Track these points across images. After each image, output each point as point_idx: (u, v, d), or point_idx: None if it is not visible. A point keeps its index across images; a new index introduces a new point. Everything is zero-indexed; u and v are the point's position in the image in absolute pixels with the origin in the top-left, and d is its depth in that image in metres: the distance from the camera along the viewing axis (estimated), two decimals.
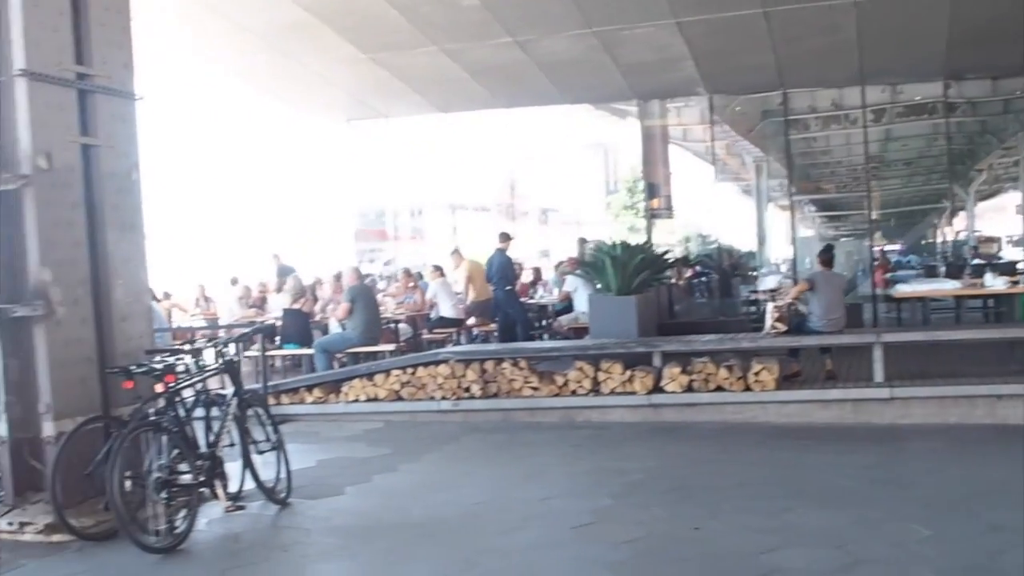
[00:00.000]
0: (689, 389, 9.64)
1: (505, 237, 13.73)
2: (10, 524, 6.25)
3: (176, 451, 6.09)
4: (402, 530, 6.20)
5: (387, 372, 10.36)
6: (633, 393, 9.74)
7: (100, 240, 6.80)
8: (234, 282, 16.40)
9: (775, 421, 9.43)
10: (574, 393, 9.95)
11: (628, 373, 9.78)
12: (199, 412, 6.63)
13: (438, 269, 14.06)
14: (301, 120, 16.90)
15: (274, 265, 17.04)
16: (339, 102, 15.67)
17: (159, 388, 6.19)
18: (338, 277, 14.30)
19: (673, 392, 9.65)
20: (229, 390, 6.85)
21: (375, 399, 10.36)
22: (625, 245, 11.14)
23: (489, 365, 10.16)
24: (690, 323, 12.25)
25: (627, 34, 12.53)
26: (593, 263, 11.35)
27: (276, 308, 14.38)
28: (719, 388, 9.57)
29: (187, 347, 6.90)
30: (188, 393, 6.56)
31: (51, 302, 6.31)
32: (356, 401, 10.36)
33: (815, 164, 22.27)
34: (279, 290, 14.90)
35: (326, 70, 13.71)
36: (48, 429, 6.32)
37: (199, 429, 6.56)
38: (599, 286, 11.42)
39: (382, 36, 12.42)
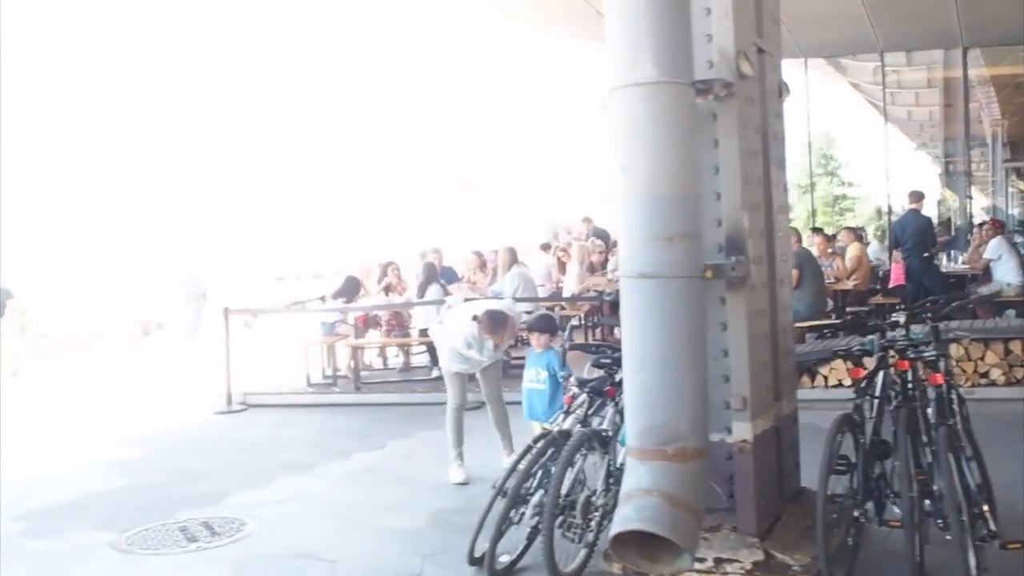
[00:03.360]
0: None
1: (918, 196, 11.70)
2: (700, 561, 4.60)
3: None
4: None
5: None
6: None
7: (765, 178, 5.09)
8: (546, 247, 14.85)
9: None
10: None
11: None
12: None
13: (852, 231, 12.16)
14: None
15: (586, 228, 15.42)
16: None
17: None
18: None
19: None
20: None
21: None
22: None
23: (1016, 346, 8.24)
24: None
25: None
26: None
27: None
28: None
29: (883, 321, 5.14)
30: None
31: (747, 258, 4.61)
32: (839, 386, 8.57)
33: None
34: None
35: None
36: (742, 431, 4.64)
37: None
38: None
39: None
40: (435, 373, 10.67)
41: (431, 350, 10.74)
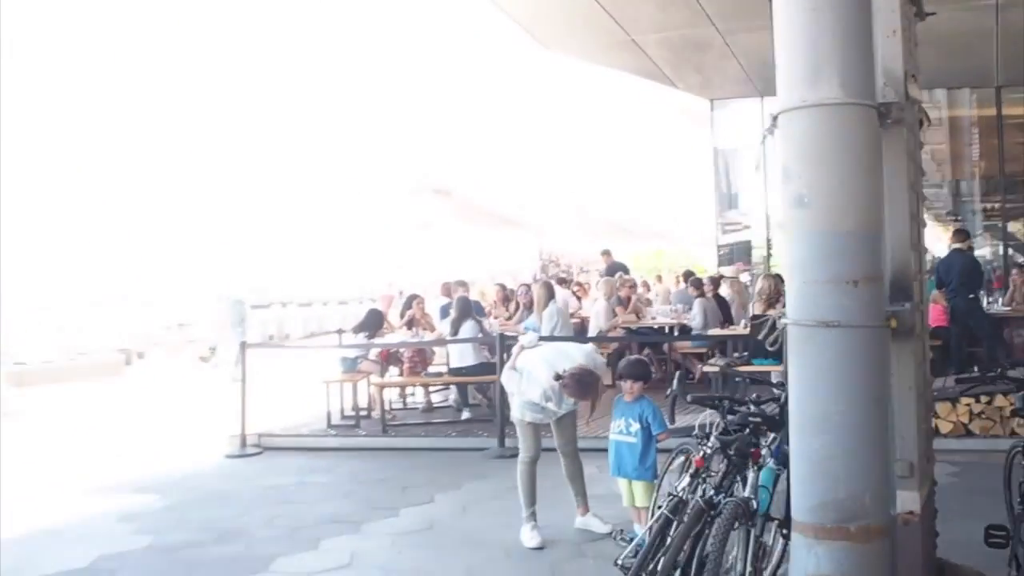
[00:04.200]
0: None
1: (964, 235, 11.28)
2: None
3: None
4: None
5: (953, 400, 8.06)
6: None
7: (918, 215, 4.56)
8: (563, 282, 14.33)
9: None
10: None
11: None
12: None
13: None
14: (664, 99, 14.58)
15: (604, 263, 14.90)
16: (730, 75, 13.39)
17: None
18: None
19: None
20: None
21: (935, 433, 8.04)
22: None
23: None
24: None
25: None
26: None
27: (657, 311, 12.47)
28: None
29: None
30: None
31: (915, 304, 4.07)
32: None
33: None
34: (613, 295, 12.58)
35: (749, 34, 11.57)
36: (909, 501, 4.08)
37: None
38: None
39: None
40: (465, 415, 10.03)
41: (461, 390, 10.11)
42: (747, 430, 4.27)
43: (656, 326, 12.39)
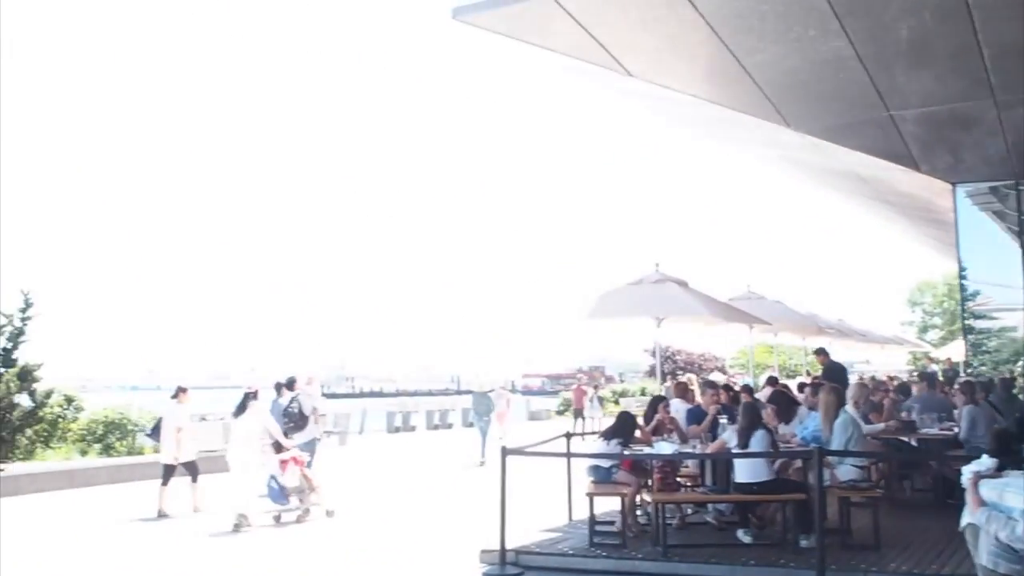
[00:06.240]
0: None
1: None
2: None
3: None
4: None
5: None
6: None
7: None
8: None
9: None
10: None
11: None
12: None
13: None
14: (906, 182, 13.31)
15: (821, 363, 13.55)
16: (990, 153, 12.15)
17: None
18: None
19: None
20: None
21: None
22: None
23: None
24: None
25: None
26: None
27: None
28: None
29: None
30: None
31: None
32: None
33: None
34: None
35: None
36: None
37: None
38: None
39: None
40: (746, 538, 8.64)
41: (742, 509, 8.78)
42: None
43: (916, 440, 10.91)
